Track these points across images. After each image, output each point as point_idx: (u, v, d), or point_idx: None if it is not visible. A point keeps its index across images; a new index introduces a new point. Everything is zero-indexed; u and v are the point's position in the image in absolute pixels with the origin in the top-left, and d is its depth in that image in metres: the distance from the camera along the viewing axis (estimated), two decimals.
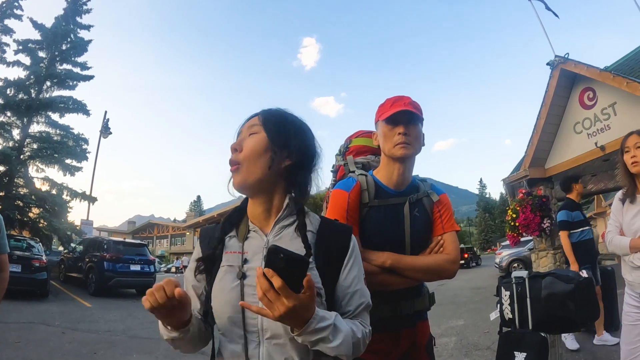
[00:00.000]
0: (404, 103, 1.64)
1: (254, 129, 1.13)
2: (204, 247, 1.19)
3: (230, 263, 1.09)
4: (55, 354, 5.46)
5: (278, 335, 1.01)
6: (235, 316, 1.03)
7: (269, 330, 1.01)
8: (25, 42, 16.23)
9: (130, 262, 12.70)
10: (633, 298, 2.58)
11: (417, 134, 1.66)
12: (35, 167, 16.06)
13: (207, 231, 1.23)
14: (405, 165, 1.68)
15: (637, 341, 2.53)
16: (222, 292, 1.06)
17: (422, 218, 1.73)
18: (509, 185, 12.88)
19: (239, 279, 1.05)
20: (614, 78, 8.94)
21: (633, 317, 2.57)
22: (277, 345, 1.01)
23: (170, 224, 76.93)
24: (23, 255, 10.45)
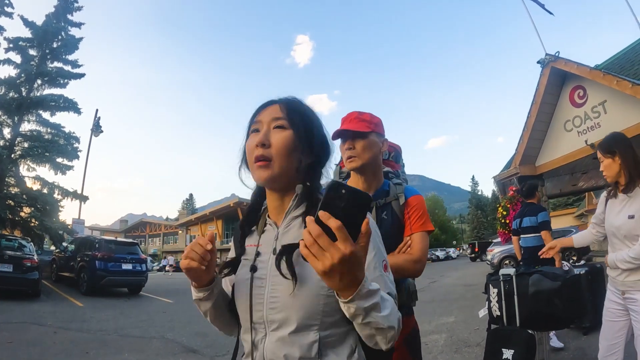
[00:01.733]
0: (348, 120, 1.81)
1: (280, 122, 1.07)
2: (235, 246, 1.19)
3: (246, 257, 1.12)
4: (47, 353, 5.44)
5: (282, 327, 0.99)
6: (246, 307, 1.05)
7: (274, 322, 1.00)
8: (15, 40, 16.09)
9: (122, 261, 12.67)
10: (614, 293, 2.67)
11: (364, 145, 1.79)
12: (26, 166, 15.95)
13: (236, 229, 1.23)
14: (365, 175, 1.85)
15: (617, 337, 2.63)
16: (238, 284, 1.09)
17: (389, 221, 1.84)
18: (499, 183, 12.95)
19: (251, 272, 1.06)
20: (604, 76, 9.01)
21: (614, 314, 2.66)
22: (281, 339, 0.98)
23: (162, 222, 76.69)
24: (14, 255, 10.41)
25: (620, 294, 2.62)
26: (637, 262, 2.46)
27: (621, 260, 2.53)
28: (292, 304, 0.98)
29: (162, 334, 6.95)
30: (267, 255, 1.07)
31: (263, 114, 1.10)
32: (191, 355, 5.65)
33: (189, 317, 8.99)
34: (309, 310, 0.98)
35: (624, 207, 2.60)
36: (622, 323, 2.62)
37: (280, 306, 0.99)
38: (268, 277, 1.03)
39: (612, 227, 2.64)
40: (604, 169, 2.66)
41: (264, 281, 1.03)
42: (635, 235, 2.51)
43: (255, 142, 1.05)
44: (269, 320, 1.00)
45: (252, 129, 1.11)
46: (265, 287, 1.03)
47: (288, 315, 0.98)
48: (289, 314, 0.98)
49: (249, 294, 1.04)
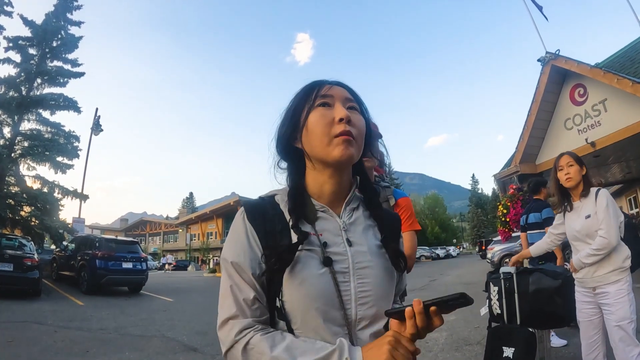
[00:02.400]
0: None
1: (353, 104, 1.03)
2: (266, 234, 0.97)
3: (309, 247, 0.94)
4: (48, 352, 5.45)
5: (373, 322, 0.95)
6: (327, 307, 0.90)
7: (365, 318, 0.94)
8: (15, 39, 16.09)
9: (123, 260, 12.65)
10: (585, 294, 2.91)
11: None
12: (26, 165, 15.95)
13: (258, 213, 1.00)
14: None
15: (595, 334, 2.86)
16: (308, 281, 0.90)
17: None
18: (500, 181, 12.97)
19: (326, 266, 0.93)
20: (605, 75, 9.02)
21: (588, 313, 2.90)
22: (372, 334, 0.94)
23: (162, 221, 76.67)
24: (15, 254, 10.40)
25: (591, 292, 2.85)
26: (600, 252, 2.71)
27: (585, 255, 2.78)
28: (381, 297, 0.98)
29: (163, 332, 6.95)
30: (338, 246, 0.97)
31: (333, 90, 1.02)
32: (192, 353, 5.65)
33: (189, 315, 9.00)
34: (390, 298, 1.01)
35: (580, 212, 2.90)
36: (596, 320, 2.86)
37: (372, 301, 0.95)
38: (352, 271, 0.95)
39: (574, 231, 2.93)
40: (573, 174, 2.92)
41: (346, 275, 0.94)
42: (594, 232, 2.77)
43: (336, 116, 0.97)
44: (359, 317, 0.94)
45: (319, 102, 1.00)
46: (350, 282, 0.94)
47: (379, 309, 0.96)
48: (380, 307, 0.96)
49: (334, 290, 0.92)
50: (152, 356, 5.49)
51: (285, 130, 1.04)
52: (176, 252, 59.55)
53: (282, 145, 1.06)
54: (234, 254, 0.95)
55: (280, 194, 1.05)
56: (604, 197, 2.80)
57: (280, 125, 1.06)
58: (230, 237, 1.01)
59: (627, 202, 21.72)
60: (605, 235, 2.69)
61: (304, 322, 0.90)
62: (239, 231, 0.98)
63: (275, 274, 0.92)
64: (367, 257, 0.98)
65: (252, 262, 0.93)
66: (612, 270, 2.73)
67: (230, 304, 0.92)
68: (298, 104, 1.04)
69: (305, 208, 1.01)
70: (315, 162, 1.01)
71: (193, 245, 56.09)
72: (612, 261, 2.74)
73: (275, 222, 0.99)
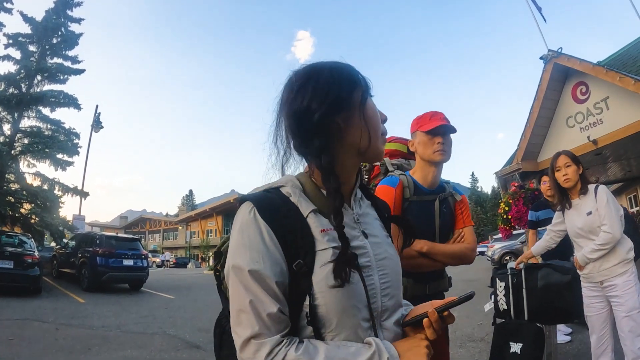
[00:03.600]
0: (440, 118, 2.01)
1: None
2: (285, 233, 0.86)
3: (334, 244, 0.87)
4: (49, 350, 5.43)
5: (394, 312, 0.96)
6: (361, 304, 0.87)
7: (388, 309, 0.94)
8: (15, 36, 16.02)
9: (123, 257, 12.66)
10: (592, 289, 2.97)
11: (450, 143, 2.04)
12: (26, 162, 15.89)
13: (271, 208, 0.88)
14: (438, 169, 2.05)
15: (603, 328, 2.92)
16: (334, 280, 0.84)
17: (448, 213, 2.10)
18: (501, 179, 12.95)
19: None
20: (607, 73, 8.99)
21: (596, 307, 2.96)
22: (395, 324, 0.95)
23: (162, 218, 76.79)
24: (15, 252, 10.39)
25: (598, 286, 2.92)
26: (605, 247, 2.78)
27: (590, 251, 2.85)
28: (398, 286, 0.99)
29: (164, 329, 6.94)
30: (358, 240, 0.93)
31: None
32: (194, 350, 5.64)
33: (190, 312, 8.99)
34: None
35: (581, 209, 2.97)
36: (605, 314, 2.94)
37: (392, 291, 0.95)
38: (373, 263, 0.92)
39: (576, 228, 3.00)
40: (571, 174, 2.98)
41: (370, 269, 0.91)
42: (597, 227, 2.85)
43: (384, 117, 1.02)
44: (384, 309, 0.92)
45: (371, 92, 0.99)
46: (374, 274, 0.91)
47: (398, 298, 0.98)
48: (398, 297, 0.98)
49: (361, 287, 0.87)
50: (155, 353, 5.47)
51: (327, 105, 0.91)
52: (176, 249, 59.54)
53: (318, 122, 0.91)
54: (250, 260, 0.82)
55: (287, 186, 0.94)
56: (603, 194, 2.89)
57: (317, 98, 0.91)
58: (239, 240, 0.86)
59: (627, 200, 21.75)
60: (609, 230, 2.76)
61: (340, 323, 0.84)
62: (252, 232, 0.85)
63: (302, 278, 0.83)
64: (383, 248, 0.98)
65: (273, 269, 0.82)
66: (618, 263, 2.80)
67: (251, 321, 0.80)
68: (349, 82, 0.95)
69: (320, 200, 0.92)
70: (355, 148, 0.95)
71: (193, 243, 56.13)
72: (616, 254, 2.81)
73: (292, 218, 0.87)
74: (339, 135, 0.93)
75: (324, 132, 0.92)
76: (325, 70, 0.95)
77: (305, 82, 0.94)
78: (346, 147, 0.95)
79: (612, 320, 2.90)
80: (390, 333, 0.92)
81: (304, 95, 0.92)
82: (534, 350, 2.82)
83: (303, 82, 0.94)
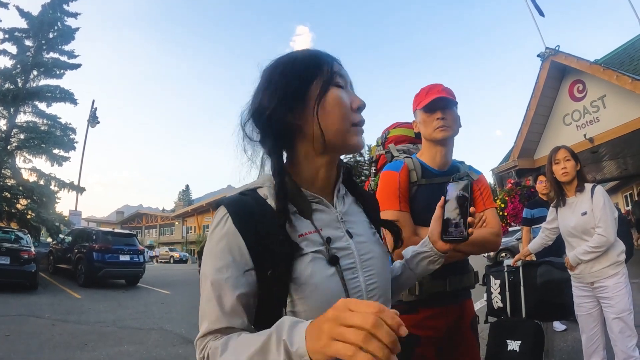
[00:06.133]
0: (438, 90, 1.78)
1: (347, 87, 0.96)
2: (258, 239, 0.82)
3: (315, 247, 0.84)
4: (46, 346, 5.42)
5: None
6: None
7: None
8: (11, 31, 15.96)
9: (120, 253, 12.61)
10: (582, 289, 2.96)
11: (453, 117, 1.79)
12: (22, 157, 15.88)
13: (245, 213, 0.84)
14: (446, 147, 1.82)
15: (594, 327, 2.92)
16: (318, 287, 0.80)
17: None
18: (498, 176, 12.99)
19: (333, 265, 0.84)
20: (604, 71, 9.02)
21: (586, 307, 2.95)
22: None
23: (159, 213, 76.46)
24: (11, 247, 10.34)
25: (589, 286, 2.90)
26: (598, 250, 2.76)
27: (582, 252, 2.82)
28: (386, 286, 0.96)
29: (161, 325, 6.94)
30: (341, 240, 0.89)
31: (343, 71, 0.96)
32: (190, 346, 5.63)
33: (187, 308, 8.99)
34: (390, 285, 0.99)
35: (575, 208, 2.93)
36: (595, 313, 2.91)
37: (380, 292, 0.92)
38: (358, 264, 0.89)
39: (569, 227, 2.96)
40: (569, 169, 2.93)
41: (355, 270, 0.88)
42: (591, 228, 2.82)
43: (357, 104, 0.92)
44: None
45: (335, 81, 0.92)
46: (359, 276, 0.88)
47: (387, 297, 0.95)
48: (387, 296, 0.95)
49: (342, 289, 0.83)
50: (151, 349, 5.48)
51: (277, 101, 0.88)
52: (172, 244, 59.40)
53: (270, 120, 0.89)
54: (215, 270, 0.80)
55: (264, 187, 0.90)
56: (600, 195, 2.85)
57: (268, 94, 0.90)
58: (209, 247, 0.84)
59: (623, 198, 21.84)
60: (603, 233, 2.74)
61: None
62: (222, 240, 0.82)
63: (280, 285, 0.79)
64: (369, 247, 0.94)
65: (237, 281, 0.79)
66: (609, 265, 2.79)
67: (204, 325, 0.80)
68: (303, 75, 0.91)
69: (298, 200, 0.89)
70: (318, 143, 0.89)
71: (189, 238, 56.05)
72: (608, 256, 2.80)
73: (266, 222, 0.83)
74: (298, 131, 0.91)
75: (278, 131, 0.89)
76: (281, 65, 0.93)
77: (263, 79, 0.94)
78: (306, 143, 0.92)
79: (602, 320, 2.91)
80: None
81: (260, 92, 0.92)
82: (534, 348, 2.83)
83: (262, 79, 0.94)
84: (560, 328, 4.93)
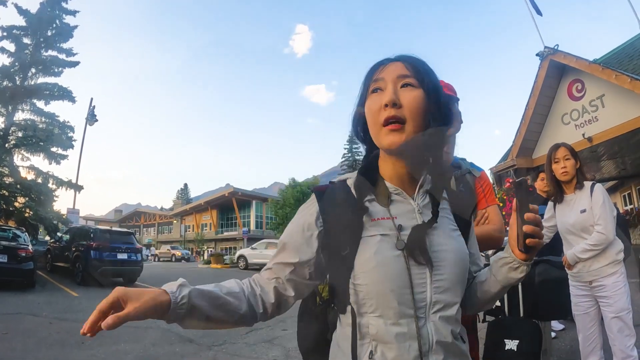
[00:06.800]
0: None
1: (408, 80, 0.96)
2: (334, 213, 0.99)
3: (384, 231, 0.94)
4: (43, 344, 5.41)
5: (447, 305, 0.93)
6: (401, 291, 0.89)
7: (439, 302, 0.92)
8: (9, 29, 15.93)
9: (118, 251, 12.61)
10: (580, 288, 2.95)
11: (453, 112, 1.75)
12: (20, 155, 15.86)
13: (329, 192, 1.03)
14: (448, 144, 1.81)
15: (591, 327, 2.91)
16: (381, 264, 0.90)
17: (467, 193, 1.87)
18: (496, 175, 12.99)
19: (400, 249, 0.91)
20: (603, 70, 9.02)
21: (583, 307, 2.94)
22: (444, 318, 0.92)
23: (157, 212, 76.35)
24: (9, 246, 10.32)
25: (587, 285, 2.89)
26: (597, 248, 2.75)
27: (581, 251, 2.81)
28: (456, 281, 0.95)
29: (159, 323, 6.91)
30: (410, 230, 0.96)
31: (385, 71, 0.98)
32: (188, 344, 5.63)
33: None
34: (464, 282, 0.99)
35: (574, 206, 2.92)
36: (593, 313, 2.91)
37: (446, 284, 0.93)
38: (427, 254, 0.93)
39: (567, 225, 2.95)
40: (569, 168, 2.92)
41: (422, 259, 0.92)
42: (590, 226, 2.81)
43: (382, 102, 0.94)
44: (434, 302, 0.92)
45: (372, 88, 0.98)
46: (426, 265, 0.92)
47: (454, 292, 0.95)
48: (454, 291, 0.95)
49: (406, 274, 0.90)
50: (149, 347, 5.47)
51: (355, 117, 1.05)
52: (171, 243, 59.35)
53: (355, 132, 1.07)
54: (287, 234, 1.02)
55: (352, 178, 1.04)
56: (600, 193, 2.84)
57: (354, 111, 1.06)
58: (293, 218, 1.05)
59: (621, 198, 21.85)
60: (603, 231, 2.73)
61: (379, 304, 0.90)
62: (301, 215, 1.03)
63: (348, 259, 0.93)
64: (443, 240, 0.96)
65: (300, 248, 0.99)
66: (608, 264, 2.78)
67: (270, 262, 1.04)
68: (361, 92, 1.03)
69: (376, 189, 1.00)
70: None
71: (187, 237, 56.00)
72: (607, 255, 2.79)
73: (346, 204, 0.98)
74: None
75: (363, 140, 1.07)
76: None
77: None
78: None
79: (600, 319, 2.89)
80: (438, 327, 0.91)
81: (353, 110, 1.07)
82: (532, 347, 2.81)
83: None
84: (558, 327, 4.92)
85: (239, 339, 5.80)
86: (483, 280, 1.07)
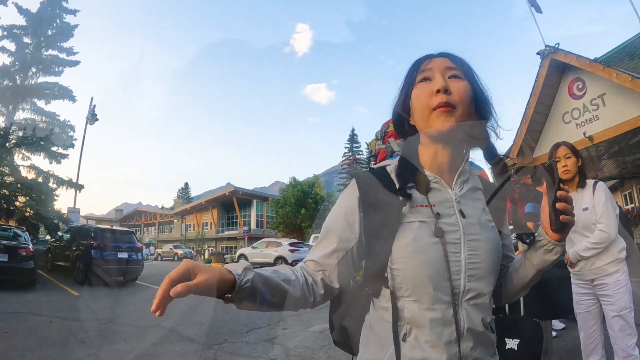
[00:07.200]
0: None
1: (455, 72, 1.02)
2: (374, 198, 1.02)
3: (422, 218, 0.97)
4: (44, 343, 5.41)
5: (479, 294, 0.95)
6: (438, 277, 0.92)
7: (471, 290, 0.94)
8: (10, 28, 15.96)
9: (118, 250, 12.60)
10: (582, 286, 2.95)
11: None
12: (21, 155, 15.89)
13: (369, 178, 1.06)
14: None
15: (592, 325, 2.91)
16: (419, 250, 0.93)
17: None
18: None
19: (439, 237, 0.94)
20: (604, 69, 9.00)
21: (585, 305, 2.94)
22: (476, 306, 0.95)
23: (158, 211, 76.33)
24: (10, 245, 10.32)
25: (589, 283, 2.88)
26: (598, 246, 2.75)
27: (583, 249, 2.80)
28: (490, 270, 0.98)
29: (159, 322, 6.91)
30: (451, 217, 0.98)
31: (432, 63, 1.04)
32: (188, 343, 5.63)
33: (185, 305, 8.97)
34: (497, 273, 1.01)
35: (576, 204, 2.83)
36: (594, 311, 2.91)
37: (480, 273, 0.96)
38: (463, 243, 0.96)
39: None
40: (570, 166, 2.91)
41: (457, 246, 0.95)
42: (592, 224, 2.80)
43: (434, 88, 0.98)
44: (467, 289, 0.94)
45: (420, 78, 1.03)
46: (461, 253, 0.95)
47: (487, 282, 0.97)
48: (487, 280, 0.97)
49: (443, 260, 0.93)
50: (149, 346, 5.46)
51: (397, 108, 1.09)
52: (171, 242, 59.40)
53: (397, 123, 1.12)
54: (330, 220, 1.05)
55: (392, 165, 1.08)
56: (602, 191, 2.83)
57: (395, 104, 1.10)
58: (335, 204, 1.07)
59: (622, 197, 21.81)
60: (605, 229, 2.72)
61: (415, 289, 0.93)
62: (342, 202, 1.05)
63: (386, 243, 0.95)
64: (478, 230, 0.99)
65: (341, 235, 1.01)
66: (610, 262, 2.77)
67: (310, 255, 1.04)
68: (405, 83, 1.08)
69: (416, 177, 1.03)
70: (424, 136, 1.04)
71: (188, 236, 56.02)
72: (609, 253, 2.78)
73: (386, 192, 1.01)
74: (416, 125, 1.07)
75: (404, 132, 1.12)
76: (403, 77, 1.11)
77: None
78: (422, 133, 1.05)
79: (601, 318, 2.89)
80: (470, 315, 0.94)
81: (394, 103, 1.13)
82: (533, 346, 2.81)
83: None
84: (559, 326, 4.91)
85: (239, 338, 5.80)
86: (517, 267, 1.09)
